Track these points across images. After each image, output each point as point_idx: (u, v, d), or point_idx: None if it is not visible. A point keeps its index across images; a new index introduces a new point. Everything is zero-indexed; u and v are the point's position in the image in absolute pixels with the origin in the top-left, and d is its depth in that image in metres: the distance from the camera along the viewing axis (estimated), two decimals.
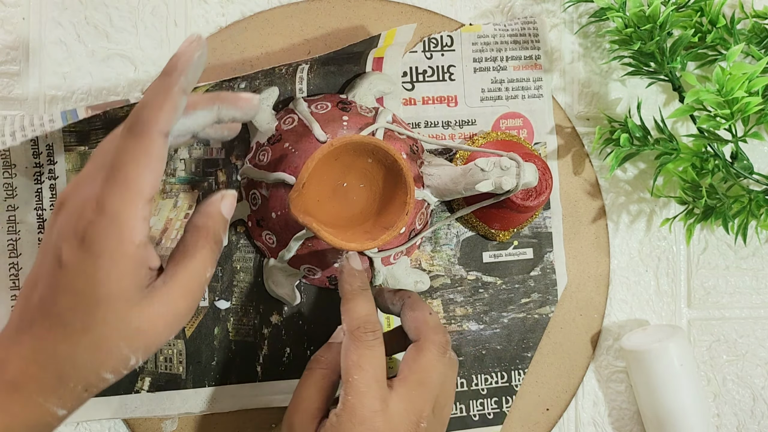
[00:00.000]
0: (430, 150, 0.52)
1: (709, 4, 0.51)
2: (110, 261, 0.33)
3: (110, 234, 0.33)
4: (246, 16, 0.51)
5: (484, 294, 0.53)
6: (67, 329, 0.33)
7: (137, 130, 0.33)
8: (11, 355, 0.33)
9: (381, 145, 0.42)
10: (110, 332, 0.33)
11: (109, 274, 0.33)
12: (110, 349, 0.33)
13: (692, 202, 0.52)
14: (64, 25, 0.50)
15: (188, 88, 0.34)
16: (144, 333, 0.34)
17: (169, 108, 0.34)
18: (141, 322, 0.34)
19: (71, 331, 0.33)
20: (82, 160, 0.49)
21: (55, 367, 0.33)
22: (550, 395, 0.54)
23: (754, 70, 0.45)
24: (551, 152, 0.54)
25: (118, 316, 0.33)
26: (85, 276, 0.33)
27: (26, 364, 0.33)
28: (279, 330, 0.51)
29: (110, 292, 0.33)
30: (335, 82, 0.50)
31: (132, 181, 0.33)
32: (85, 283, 0.33)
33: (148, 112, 0.33)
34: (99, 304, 0.33)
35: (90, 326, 0.33)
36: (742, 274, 0.57)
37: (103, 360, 0.33)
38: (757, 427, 0.57)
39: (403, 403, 0.40)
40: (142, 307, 0.34)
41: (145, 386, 0.49)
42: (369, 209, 0.45)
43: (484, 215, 0.51)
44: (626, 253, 0.56)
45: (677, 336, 0.52)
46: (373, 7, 0.52)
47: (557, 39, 0.54)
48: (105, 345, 0.33)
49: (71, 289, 0.33)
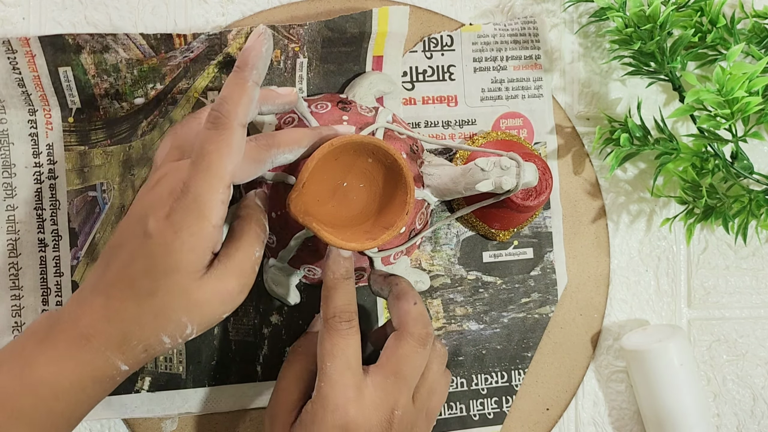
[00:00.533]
0: (430, 150, 0.52)
1: (710, 4, 0.51)
2: (188, 234, 0.36)
3: (192, 211, 0.37)
4: (246, 16, 0.51)
5: (484, 294, 0.53)
6: (137, 291, 0.37)
7: (219, 123, 0.37)
8: (85, 311, 0.37)
9: (381, 144, 0.42)
10: (173, 301, 0.37)
11: (182, 246, 0.36)
12: (170, 315, 0.37)
13: (692, 202, 0.52)
14: (64, 25, 0.50)
15: (260, 80, 0.39)
16: (200, 306, 0.37)
17: (246, 101, 0.38)
18: (200, 296, 0.37)
19: (140, 293, 0.37)
20: (82, 160, 0.49)
21: (122, 325, 0.37)
22: (550, 395, 0.54)
23: (755, 70, 0.45)
24: (551, 152, 0.54)
25: (182, 285, 0.37)
26: (164, 246, 0.36)
27: (97, 320, 0.37)
28: (279, 330, 0.51)
29: (180, 264, 0.36)
30: (335, 81, 0.50)
31: (214, 167, 0.37)
32: (162, 252, 0.36)
33: (227, 106, 0.38)
34: (168, 273, 0.36)
35: (156, 292, 0.37)
36: (742, 274, 0.57)
37: (163, 324, 0.37)
38: (757, 427, 0.57)
39: (377, 392, 0.41)
40: (202, 282, 0.37)
41: (145, 386, 0.49)
42: (369, 209, 0.45)
43: (484, 215, 0.51)
44: (626, 253, 0.56)
45: (677, 336, 0.52)
46: (373, 5, 0.52)
47: (557, 39, 0.54)
48: (166, 311, 0.37)
49: (149, 255, 0.37)
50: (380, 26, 0.49)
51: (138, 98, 0.47)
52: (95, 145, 0.48)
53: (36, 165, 0.48)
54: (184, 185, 0.37)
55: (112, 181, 0.49)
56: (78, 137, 0.48)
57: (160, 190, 0.38)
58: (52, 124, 0.48)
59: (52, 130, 0.48)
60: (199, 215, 0.37)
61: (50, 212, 0.49)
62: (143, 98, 0.47)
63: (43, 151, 0.48)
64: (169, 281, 0.37)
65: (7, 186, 0.48)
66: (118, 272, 0.37)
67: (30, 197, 0.49)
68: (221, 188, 0.37)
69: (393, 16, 0.48)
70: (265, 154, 0.40)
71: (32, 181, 0.49)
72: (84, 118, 0.48)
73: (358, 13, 0.48)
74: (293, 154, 0.42)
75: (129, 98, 0.47)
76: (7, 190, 0.48)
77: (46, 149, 0.48)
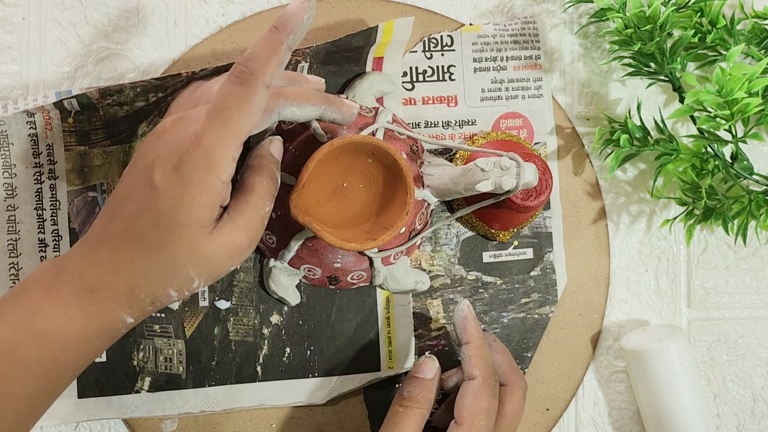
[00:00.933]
0: (430, 150, 0.52)
1: (709, 5, 0.51)
2: (197, 189, 0.36)
3: (202, 165, 0.36)
4: (246, 16, 0.51)
5: (484, 294, 0.53)
6: (145, 244, 0.36)
7: (244, 78, 0.36)
8: (91, 263, 0.37)
9: (381, 145, 0.42)
10: (182, 254, 0.37)
11: (192, 201, 0.36)
12: (179, 269, 0.37)
13: (692, 203, 0.52)
14: (64, 24, 0.50)
15: (294, 46, 0.37)
16: (209, 260, 0.37)
17: (276, 62, 0.37)
18: (209, 250, 0.37)
19: (148, 246, 0.36)
20: (82, 160, 0.49)
21: (129, 277, 0.37)
22: (550, 395, 0.54)
23: (754, 71, 0.45)
24: (551, 152, 0.54)
25: (191, 240, 0.37)
26: (172, 199, 0.36)
27: (103, 272, 0.37)
28: (279, 330, 0.51)
29: (189, 218, 0.36)
30: (335, 82, 0.50)
31: (231, 123, 0.36)
32: (170, 205, 0.36)
33: (256, 64, 0.36)
34: (177, 226, 0.36)
35: (165, 245, 0.36)
36: (742, 274, 0.57)
37: (171, 278, 0.37)
38: (757, 427, 0.57)
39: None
40: (212, 237, 0.37)
41: (145, 386, 0.49)
42: (369, 209, 0.45)
43: (484, 215, 0.51)
44: (626, 253, 0.56)
45: (677, 336, 0.52)
46: (373, 6, 0.52)
47: (557, 39, 0.54)
48: (175, 264, 0.37)
49: (157, 209, 0.36)
50: (384, 36, 0.49)
51: (139, 102, 0.47)
52: (95, 145, 0.48)
53: (36, 165, 0.48)
54: (195, 137, 0.36)
55: (112, 181, 0.49)
56: (78, 137, 0.48)
57: (169, 139, 0.37)
58: (52, 124, 0.48)
59: (51, 130, 0.48)
60: (209, 170, 0.36)
61: (50, 212, 0.49)
62: (144, 102, 0.47)
63: (43, 151, 0.48)
64: (177, 235, 0.36)
65: (7, 186, 0.48)
66: (124, 224, 0.37)
67: (30, 197, 0.49)
68: (235, 145, 0.36)
69: (398, 26, 0.48)
70: (273, 103, 0.40)
71: (32, 181, 0.48)
72: (84, 119, 0.48)
73: (364, 30, 0.48)
74: (300, 109, 0.41)
75: (130, 104, 0.47)
76: (7, 190, 0.48)
77: (46, 149, 0.48)
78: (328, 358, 0.51)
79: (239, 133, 0.36)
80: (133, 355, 0.49)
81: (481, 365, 0.45)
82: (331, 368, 0.51)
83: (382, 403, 0.52)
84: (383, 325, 0.52)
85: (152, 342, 0.50)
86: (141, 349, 0.49)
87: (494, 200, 0.47)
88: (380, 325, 0.52)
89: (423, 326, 0.52)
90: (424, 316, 0.52)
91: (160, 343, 0.50)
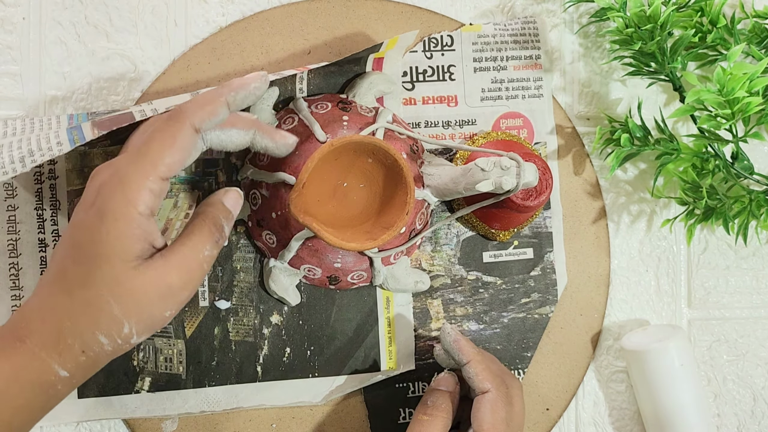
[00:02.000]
0: (430, 150, 0.52)
1: (710, 4, 0.51)
2: (112, 219, 0.35)
3: (116, 194, 0.36)
4: (246, 16, 0.51)
5: (484, 294, 0.53)
6: (67, 282, 0.36)
7: (174, 116, 0.37)
8: (23, 310, 0.36)
9: (381, 145, 0.42)
10: (104, 289, 0.35)
11: (108, 232, 0.35)
12: (102, 306, 0.35)
13: (693, 203, 0.52)
14: (64, 24, 0.50)
15: (233, 105, 0.39)
16: (135, 297, 0.36)
17: (209, 110, 0.38)
18: (133, 285, 0.36)
19: (71, 284, 0.35)
20: (82, 160, 0.49)
21: (54, 320, 0.35)
22: (550, 395, 0.54)
23: (755, 70, 0.45)
24: (551, 152, 0.54)
25: (112, 274, 0.35)
26: (90, 232, 0.35)
27: (31, 317, 0.36)
28: (279, 330, 0.51)
29: (108, 251, 0.35)
30: (335, 82, 0.50)
31: (150, 155, 0.36)
32: (88, 238, 0.35)
33: (189, 106, 0.38)
34: (97, 259, 0.35)
35: (87, 282, 0.35)
36: (743, 274, 0.57)
37: (96, 318, 0.35)
38: (757, 427, 0.57)
39: None
40: (138, 272, 0.36)
41: (145, 386, 0.50)
42: (369, 209, 0.45)
43: (484, 215, 0.51)
44: (626, 253, 0.56)
45: (677, 336, 0.52)
46: (373, 6, 0.52)
47: (557, 39, 0.54)
48: (98, 301, 0.35)
49: (76, 244, 0.36)
50: (388, 47, 0.49)
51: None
52: (95, 145, 0.48)
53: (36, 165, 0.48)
54: (115, 170, 0.36)
55: None
56: None
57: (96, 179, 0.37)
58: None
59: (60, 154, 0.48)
60: (123, 198, 0.35)
61: (50, 212, 0.49)
62: None
63: None
64: (98, 269, 0.35)
65: (7, 186, 0.48)
66: (54, 267, 0.37)
67: (30, 197, 0.49)
68: (152, 175, 0.36)
69: (402, 39, 0.48)
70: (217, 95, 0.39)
71: (32, 181, 0.48)
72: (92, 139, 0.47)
73: (367, 48, 0.47)
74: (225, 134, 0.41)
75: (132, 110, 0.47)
76: (7, 190, 0.48)
77: None
78: (328, 358, 0.51)
79: (157, 163, 0.36)
80: (133, 355, 0.49)
81: (490, 378, 0.45)
82: (331, 368, 0.51)
83: (382, 403, 0.52)
84: (383, 325, 0.52)
85: (152, 342, 0.50)
86: (141, 349, 0.49)
87: (494, 200, 0.47)
88: (380, 325, 0.52)
89: (423, 326, 0.52)
90: (424, 316, 0.52)
91: (160, 343, 0.50)
